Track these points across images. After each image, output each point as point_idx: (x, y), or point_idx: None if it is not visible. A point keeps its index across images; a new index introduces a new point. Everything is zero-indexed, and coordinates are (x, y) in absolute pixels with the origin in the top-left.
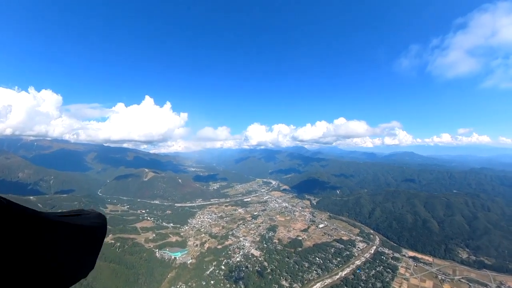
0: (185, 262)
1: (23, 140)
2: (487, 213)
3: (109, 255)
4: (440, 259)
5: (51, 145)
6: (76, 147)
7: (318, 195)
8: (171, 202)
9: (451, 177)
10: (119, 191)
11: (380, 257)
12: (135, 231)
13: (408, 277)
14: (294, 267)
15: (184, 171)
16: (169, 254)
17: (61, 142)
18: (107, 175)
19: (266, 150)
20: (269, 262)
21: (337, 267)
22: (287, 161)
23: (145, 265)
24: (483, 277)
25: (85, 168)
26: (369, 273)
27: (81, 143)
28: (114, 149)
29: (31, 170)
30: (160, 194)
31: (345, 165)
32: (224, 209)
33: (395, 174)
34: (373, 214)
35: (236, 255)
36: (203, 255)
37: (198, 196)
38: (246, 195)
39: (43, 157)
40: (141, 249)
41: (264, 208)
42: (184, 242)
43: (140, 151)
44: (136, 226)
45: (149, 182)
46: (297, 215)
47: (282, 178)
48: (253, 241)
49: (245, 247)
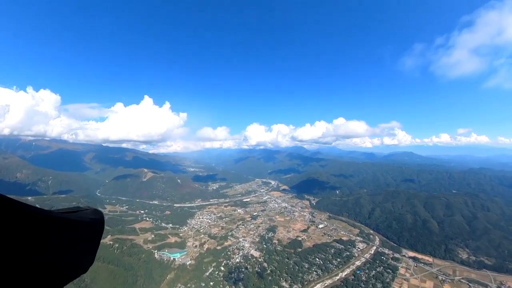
0: (184, 263)
1: (22, 140)
2: (486, 213)
3: (107, 256)
4: (440, 259)
5: (50, 145)
6: (75, 147)
7: (318, 195)
8: (170, 203)
9: (451, 177)
10: (118, 192)
11: (380, 257)
12: (133, 232)
13: (409, 277)
14: (294, 268)
15: (183, 171)
16: (168, 255)
17: (60, 142)
18: (105, 175)
19: (266, 150)
20: (268, 263)
21: (337, 267)
22: (286, 161)
23: (143, 266)
24: (483, 277)
25: (83, 168)
26: (369, 273)
27: (79, 143)
28: (113, 149)
29: (29, 170)
30: (159, 194)
31: (344, 165)
32: (223, 210)
33: (395, 174)
34: (373, 214)
35: (235, 256)
36: (202, 256)
37: (197, 196)
38: (245, 195)
39: (41, 157)
40: (139, 250)
41: (263, 208)
42: (183, 243)
43: (139, 151)
44: (135, 226)
45: (148, 182)
46: (296, 215)
47: (282, 178)
48: (252, 242)
49: (245, 248)
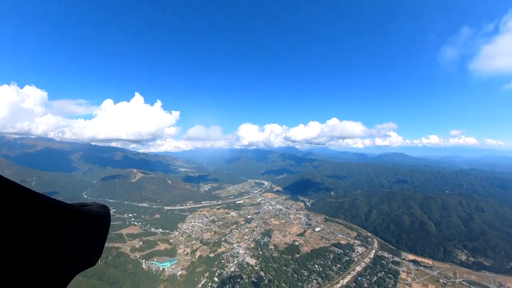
0: (174, 274)
1: (6, 138)
2: (481, 213)
3: (89, 269)
4: (440, 262)
5: (36, 143)
6: (62, 146)
7: (312, 197)
8: (160, 205)
9: (443, 177)
10: (105, 193)
11: (380, 261)
12: (120, 238)
13: (410, 282)
14: (292, 276)
15: (174, 171)
16: (157, 265)
17: (46, 140)
18: (93, 175)
19: (258, 150)
20: (265, 272)
21: (337, 274)
22: (279, 161)
23: (130, 279)
24: (483, 278)
25: (70, 168)
26: (370, 279)
27: (67, 142)
28: (102, 148)
29: (12, 171)
30: (148, 196)
31: (337, 166)
32: (216, 212)
33: (388, 175)
34: (369, 216)
35: (230, 264)
36: (194, 265)
37: (188, 198)
38: (238, 197)
39: (27, 156)
40: (126, 260)
41: (257, 210)
42: (173, 250)
43: (129, 150)
44: (122, 232)
45: (137, 184)
46: (292, 218)
47: (275, 179)
48: (247, 248)
49: (240, 255)
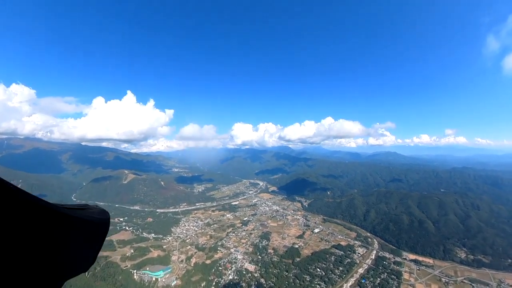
0: (168, 284)
1: None
2: (477, 211)
3: (76, 282)
4: (440, 260)
5: (23, 144)
6: (51, 146)
7: (309, 197)
8: (153, 208)
9: (437, 176)
10: (95, 196)
11: (382, 262)
12: (110, 246)
13: (414, 282)
14: (294, 282)
15: (167, 172)
16: (150, 275)
17: (34, 140)
18: (83, 177)
19: (252, 149)
20: (266, 278)
21: (340, 278)
22: (273, 161)
23: None
24: (483, 276)
25: (59, 170)
26: (374, 281)
27: (56, 142)
28: (92, 148)
29: None
30: (140, 198)
31: (332, 165)
32: (211, 215)
33: (383, 174)
34: (368, 216)
35: (228, 272)
36: (190, 273)
37: (182, 200)
38: (233, 198)
39: (14, 157)
40: (115, 271)
41: (254, 212)
42: (167, 258)
43: (120, 150)
44: (112, 239)
45: (128, 185)
46: (289, 219)
47: (270, 178)
48: (245, 253)
49: (238, 261)
